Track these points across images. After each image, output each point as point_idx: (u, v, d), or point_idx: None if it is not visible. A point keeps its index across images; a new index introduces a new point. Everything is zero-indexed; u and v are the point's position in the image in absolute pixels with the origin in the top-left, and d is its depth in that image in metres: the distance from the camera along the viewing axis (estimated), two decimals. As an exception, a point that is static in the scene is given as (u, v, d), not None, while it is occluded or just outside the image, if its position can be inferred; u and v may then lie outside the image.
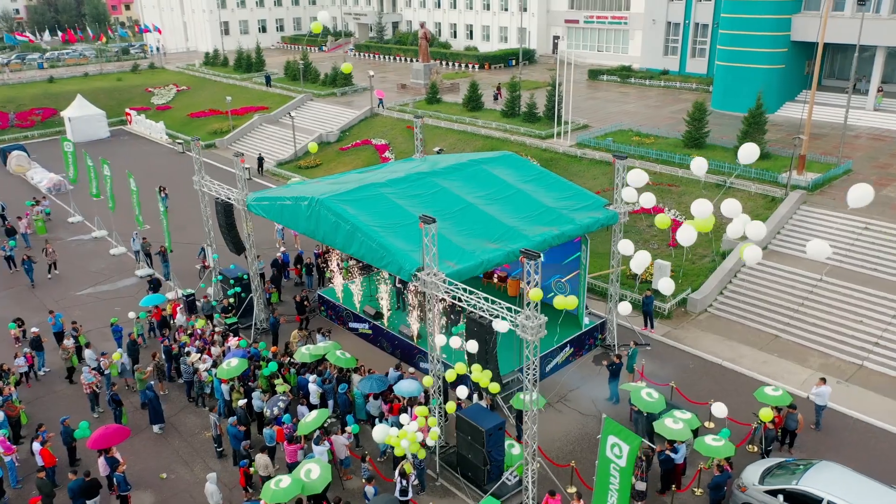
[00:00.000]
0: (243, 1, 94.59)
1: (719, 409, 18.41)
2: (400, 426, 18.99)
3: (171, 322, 26.22)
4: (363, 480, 18.19)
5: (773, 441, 19.03)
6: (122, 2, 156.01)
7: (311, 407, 21.20)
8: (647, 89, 58.72)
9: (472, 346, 16.84)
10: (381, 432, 18.53)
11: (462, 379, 19.06)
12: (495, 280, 28.22)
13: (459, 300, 17.66)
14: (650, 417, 19.54)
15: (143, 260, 33.07)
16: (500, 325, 16.47)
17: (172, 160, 52.62)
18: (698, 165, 16.96)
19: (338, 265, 27.57)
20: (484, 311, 16.93)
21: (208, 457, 20.46)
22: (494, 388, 16.81)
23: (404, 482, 17.53)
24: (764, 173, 33.86)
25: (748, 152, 15.89)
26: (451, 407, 18.49)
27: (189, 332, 25.13)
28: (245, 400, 20.67)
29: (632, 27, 68.72)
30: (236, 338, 24.19)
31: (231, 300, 26.77)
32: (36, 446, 19.05)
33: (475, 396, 20.50)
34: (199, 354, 23.00)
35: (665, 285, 16.60)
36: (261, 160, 48.76)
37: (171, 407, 22.81)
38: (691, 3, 61.28)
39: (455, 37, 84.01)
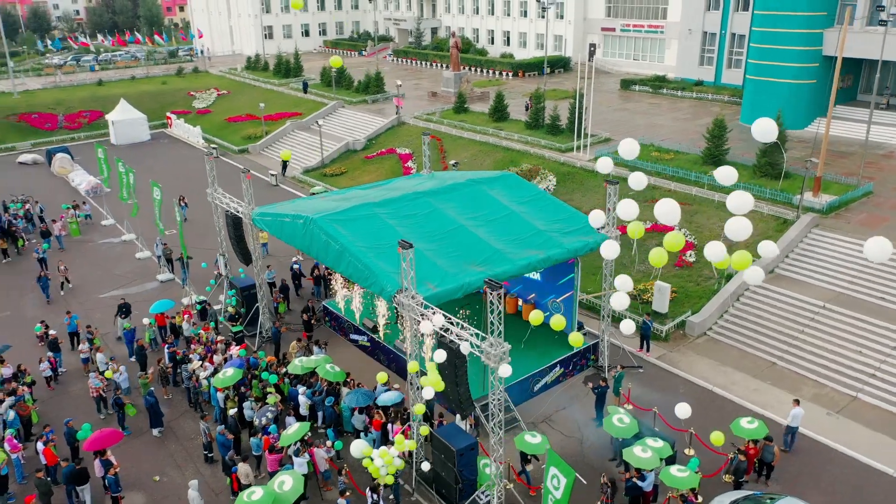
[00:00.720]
0: (287, 6, 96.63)
1: (683, 410, 18.52)
2: (376, 442, 19.82)
3: (180, 329, 27.40)
4: (338, 493, 18.91)
5: (743, 473, 19.05)
6: (176, 3, 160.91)
7: (300, 418, 22.06)
8: (679, 101, 58.13)
9: (440, 355, 17.07)
10: (358, 448, 19.22)
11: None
12: (495, 297, 28.61)
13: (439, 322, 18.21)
14: (625, 443, 19.76)
15: (164, 265, 34.49)
16: (465, 348, 17.02)
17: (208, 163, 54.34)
18: (725, 175, 14.01)
19: (341, 277, 28.37)
20: (452, 334, 17.43)
21: (200, 462, 21.49)
22: (438, 386, 17.10)
23: (375, 496, 18.20)
24: (778, 194, 33.43)
25: (764, 128, 12.90)
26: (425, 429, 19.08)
27: (198, 338, 26.29)
28: (235, 409, 21.64)
29: (668, 36, 68.07)
30: (239, 346, 25.23)
31: (230, 309, 27.81)
32: (39, 445, 20.36)
33: (457, 417, 20.99)
34: (200, 362, 24.09)
35: (617, 301, 15.71)
36: (284, 165, 50.37)
37: (173, 411, 23.96)
38: (728, 13, 60.51)
39: (493, 43, 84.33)
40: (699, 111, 53.79)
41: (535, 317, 18.05)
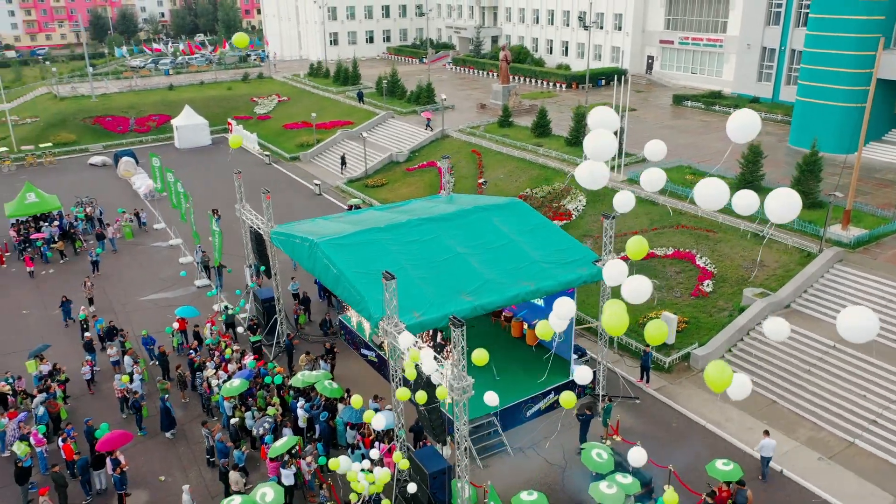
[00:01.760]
0: (353, 13, 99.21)
1: (637, 457, 18.52)
2: (363, 458, 20.89)
3: (203, 336, 29.20)
4: (318, 505, 20.13)
5: (711, 515, 19.21)
6: (254, 6, 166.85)
7: (298, 430, 23.41)
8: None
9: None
10: (343, 464, 20.33)
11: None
12: (502, 319, 29.35)
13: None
14: (599, 477, 20.18)
15: (201, 271, 36.61)
16: (435, 378, 17.88)
17: (259, 170, 56.92)
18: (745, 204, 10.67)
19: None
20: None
21: (203, 465, 23.11)
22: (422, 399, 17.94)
23: (350, 512, 19.29)
24: (806, 226, 32.72)
25: (742, 123, 9.75)
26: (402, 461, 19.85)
27: (224, 347, 27.95)
28: (236, 419, 23.16)
29: (727, 50, 66.69)
30: (252, 356, 26.81)
31: (229, 312, 29.50)
32: (61, 442, 22.40)
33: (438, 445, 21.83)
34: (214, 370, 25.78)
35: (548, 327, 13.45)
36: (343, 159, 53.80)
37: (188, 415, 25.74)
38: (788, 28, 58.93)
39: (551, 53, 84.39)
40: (749, 130, 52.55)
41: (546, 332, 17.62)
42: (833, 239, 31.46)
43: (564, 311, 12.93)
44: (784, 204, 9.75)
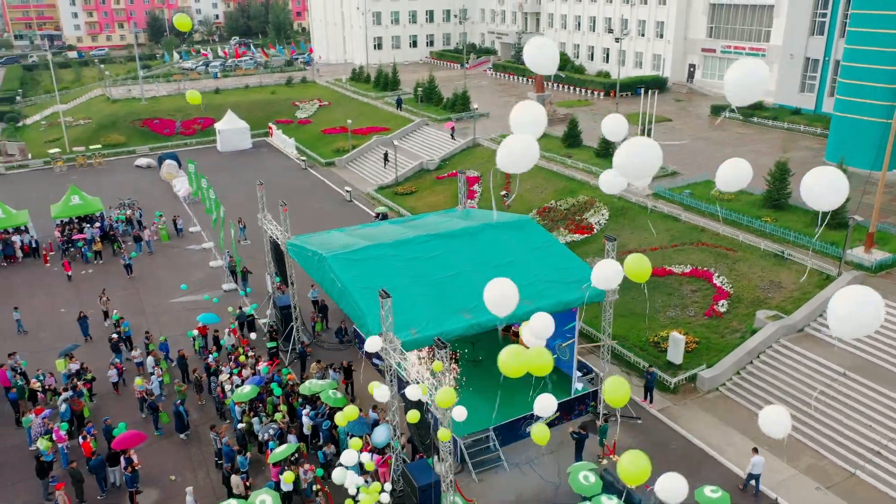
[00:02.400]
0: (397, 18, 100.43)
1: None
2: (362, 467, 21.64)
3: (223, 341, 30.39)
4: (313, 513, 20.95)
5: (694, 542, 19.32)
6: (305, 9, 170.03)
7: (303, 437, 24.31)
8: (768, 131, 55.97)
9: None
10: (339, 474, 21.10)
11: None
12: (511, 334, 29.74)
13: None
14: (586, 500, 20.49)
15: (228, 276, 37.96)
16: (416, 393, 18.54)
17: (295, 174, 58.42)
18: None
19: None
20: (411, 381, 18.97)
21: (212, 467, 24.19)
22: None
23: (341, 522, 20.05)
24: (828, 247, 32.17)
25: (745, 71, 8.20)
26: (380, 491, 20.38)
27: (241, 353, 29.06)
28: (243, 424, 24.18)
29: (770, 59, 65.26)
30: (265, 363, 27.84)
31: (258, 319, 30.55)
32: (80, 439, 23.78)
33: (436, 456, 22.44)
34: (229, 375, 26.89)
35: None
36: (386, 155, 55.39)
37: (202, 417, 26.91)
38: (833, 39, 57.57)
39: (592, 59, 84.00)
40: (786, 144, 51.69)
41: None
42: (854, 262, 30.91)
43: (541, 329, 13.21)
44: (821, 183, 8.03)
